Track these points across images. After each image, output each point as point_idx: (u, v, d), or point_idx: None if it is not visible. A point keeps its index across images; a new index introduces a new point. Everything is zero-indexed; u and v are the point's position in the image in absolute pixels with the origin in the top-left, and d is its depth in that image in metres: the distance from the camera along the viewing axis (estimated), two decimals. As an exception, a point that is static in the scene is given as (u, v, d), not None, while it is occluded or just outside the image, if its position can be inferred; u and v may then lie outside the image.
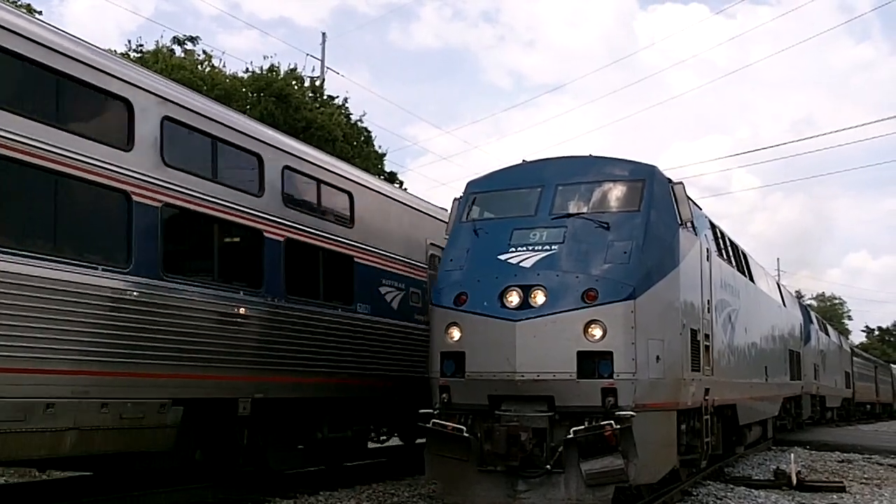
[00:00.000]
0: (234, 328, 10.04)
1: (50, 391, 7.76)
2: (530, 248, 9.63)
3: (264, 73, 27.00)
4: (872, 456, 19.10)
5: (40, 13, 25.05)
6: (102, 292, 8.32)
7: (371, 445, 14.79)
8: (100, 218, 8.79)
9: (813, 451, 19.88)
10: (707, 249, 12.05)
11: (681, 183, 10.68)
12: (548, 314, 9.04)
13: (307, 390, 11.26)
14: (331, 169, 12.56)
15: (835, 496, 12.46)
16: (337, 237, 12.15)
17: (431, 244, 14.35)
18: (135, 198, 8.76)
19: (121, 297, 8.53)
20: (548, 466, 8.80)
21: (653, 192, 10.10)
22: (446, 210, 11.90)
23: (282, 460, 11.56)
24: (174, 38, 27.74)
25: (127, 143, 8.82)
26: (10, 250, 7.44)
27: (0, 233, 7.47)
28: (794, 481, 13.06)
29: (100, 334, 8.28)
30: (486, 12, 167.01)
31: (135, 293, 8.67)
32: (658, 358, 9.32)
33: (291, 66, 28.18)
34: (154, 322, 8.85)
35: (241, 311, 10.18)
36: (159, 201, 9.05)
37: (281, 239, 10.93)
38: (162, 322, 8.95)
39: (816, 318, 33.04)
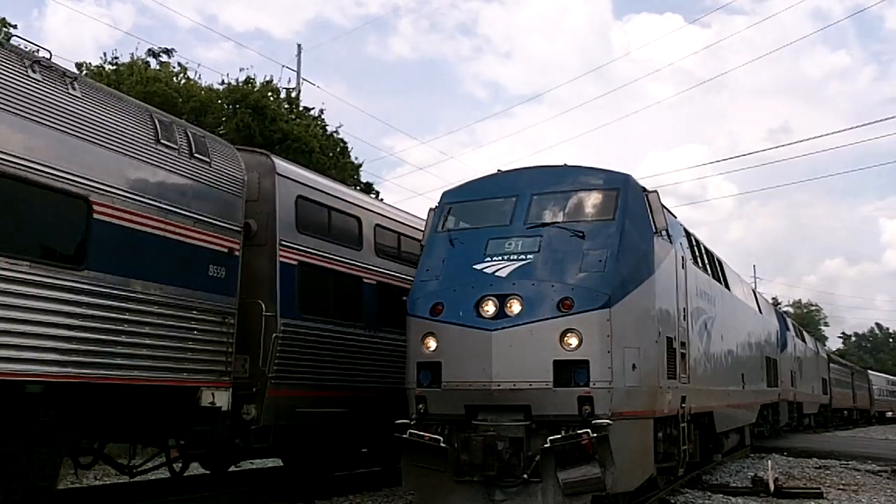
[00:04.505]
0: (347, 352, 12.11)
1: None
2: (506, 257, 9.64)
3: (240, 85, 26.86)
4: (850, 462, 19.22)
5: (15, 27, 24.87)
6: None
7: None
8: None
9: (790, 458, 19.95)
10: (682, 257, 12.11)
11: (655, 191, 10.74)
12: (524, 323, 9.04)
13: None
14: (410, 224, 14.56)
15: (812, 502, 12.51)
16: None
17: None
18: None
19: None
20: (525, 476, 8.77)
21: (627, 200, 10.14)
22: None
23: None
24: (149, 50, 27.49)
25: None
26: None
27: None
28: (772, 488, 13.11)
29: None
30: (463, 24, 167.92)
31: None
32: (634, 366, 9.34)
33: (267, 78, 28.05)
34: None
35: (350, 339, 12.24)
36: (296, 260, 11.28)
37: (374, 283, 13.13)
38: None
39: (793, 324, 33.23)
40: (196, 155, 9.84)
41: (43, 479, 8.30)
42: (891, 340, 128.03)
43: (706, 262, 14.71)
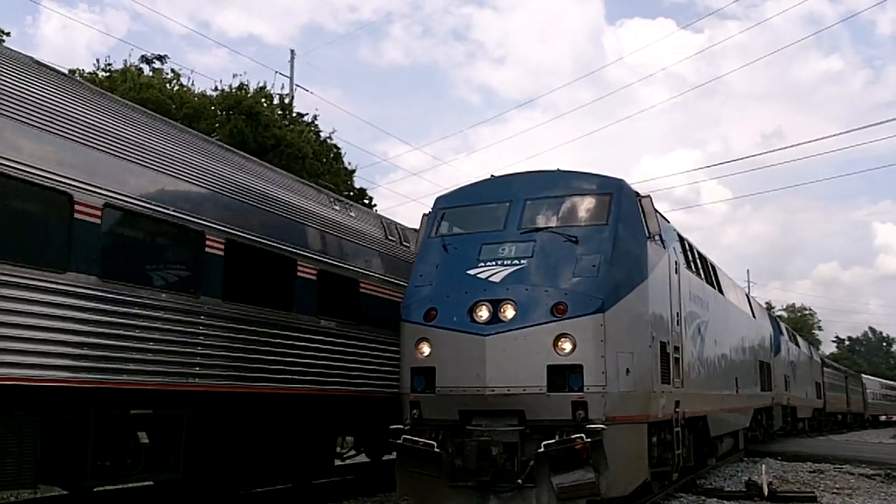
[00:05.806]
0: None
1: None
2: (499, 262, 9.64)
3: (234, 91, 26.85)
4: (843, 466, 19.21)
5: (8, 34, 24.82)
6: None
7: (341, 462, 14.73)
8: None
9: (784, 462, 19.94)
10: (675, 262, 12.12)
11: (648, 196, 10.75)
12: (517, 328, 9.04)
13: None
14: None
15: (806, 506, 12.51)
16: None
17: None
18: None
19: None
20: (519, 481, 8.77)
21: (620, 205, 10.16)
22: None
23: None
24: (142, 56, 27.48)
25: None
26: None
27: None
28: (766, 492, 13.11)
29: None
30: (455, 30, 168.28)
31: None
32: (628, 371, 9.34)
33: (261, 84, 28.04)
34: None
35: None
36: None
37: None
38: None
39: (787, 329, 33.32)
40: (403, 243, 14.56)
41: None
42: (884, 344, 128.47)
43: (699, 266, 14.74)
